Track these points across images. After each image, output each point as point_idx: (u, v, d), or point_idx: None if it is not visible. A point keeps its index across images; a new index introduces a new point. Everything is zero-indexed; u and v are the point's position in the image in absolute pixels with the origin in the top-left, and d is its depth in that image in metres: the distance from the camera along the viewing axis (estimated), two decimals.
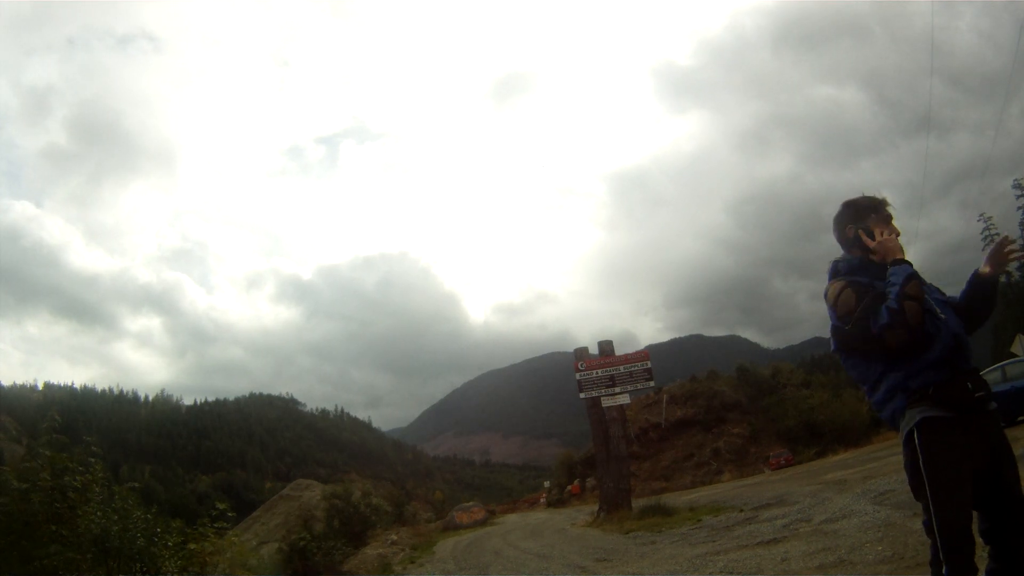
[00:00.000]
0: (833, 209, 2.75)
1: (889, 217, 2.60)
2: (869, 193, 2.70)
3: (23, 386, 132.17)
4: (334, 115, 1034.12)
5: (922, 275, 2.46)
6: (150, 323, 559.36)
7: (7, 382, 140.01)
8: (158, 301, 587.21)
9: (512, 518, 25.66)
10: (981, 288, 2.51)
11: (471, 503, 29.25)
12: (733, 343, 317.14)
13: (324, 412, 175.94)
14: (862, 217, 2.60)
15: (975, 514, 2.32)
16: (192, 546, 7.51)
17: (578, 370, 16.05)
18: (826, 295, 2.57)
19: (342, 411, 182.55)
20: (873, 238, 2.54)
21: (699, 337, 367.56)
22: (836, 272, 2.61)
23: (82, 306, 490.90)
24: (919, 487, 2.32)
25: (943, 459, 2.26)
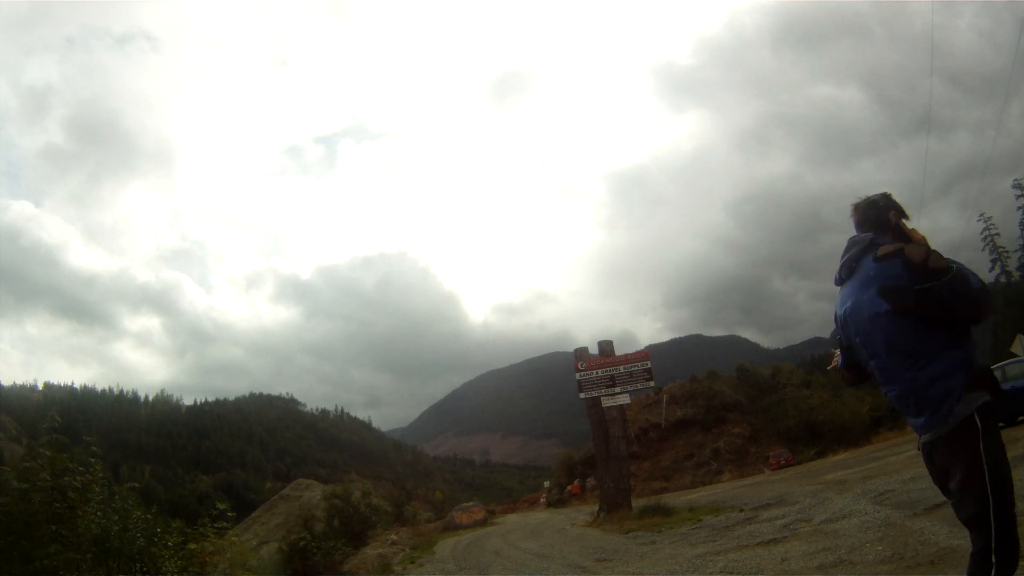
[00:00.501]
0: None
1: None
2: (870, 193, 2.74)
3: (23, 386, 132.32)
4: (333, 114, 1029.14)
5: None
6: (149, 323, 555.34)
7: (7, 382, 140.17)
8: (157, 301, 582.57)
9: (512, 518, 25.69)
10: None
11: (471, 503, 29.25)
12: (733, 343, 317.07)
13: (324, 412, 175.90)
14: (901, 211, 2.65)
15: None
16: (192, 546, 7.53)
17: (578, 370, 16.07)
18: (899, 253, 2.40)
19: (342, 411, 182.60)
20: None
21: (699, 337, 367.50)
22: (878, 246, 2.55)
23: (81, 306, 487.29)
24: (977, 477, 2.17)
25: (1001, 445, 2.23)
